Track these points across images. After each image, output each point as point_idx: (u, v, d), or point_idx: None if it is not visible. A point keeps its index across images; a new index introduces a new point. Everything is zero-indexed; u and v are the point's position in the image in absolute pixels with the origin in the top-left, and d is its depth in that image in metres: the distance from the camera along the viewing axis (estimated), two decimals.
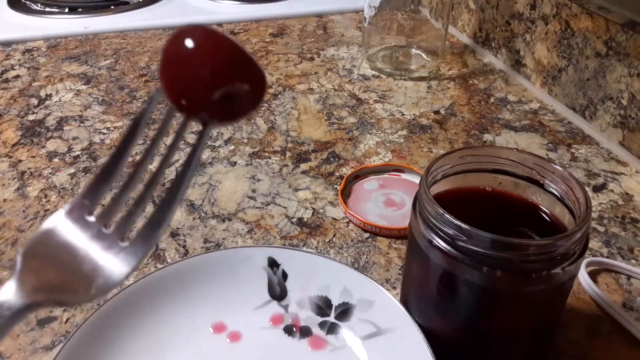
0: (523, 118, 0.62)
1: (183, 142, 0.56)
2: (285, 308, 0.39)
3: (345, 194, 0.50)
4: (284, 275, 0.40)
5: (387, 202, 0.50)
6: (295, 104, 0.64)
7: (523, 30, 0.68)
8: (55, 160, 0.55)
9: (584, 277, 0.42)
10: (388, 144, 0.58)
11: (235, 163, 0.55)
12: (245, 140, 0.58)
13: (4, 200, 0.50)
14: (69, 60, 0.73)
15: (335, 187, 0.52)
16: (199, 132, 0.22)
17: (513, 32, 0.70)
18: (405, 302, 0.37)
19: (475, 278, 0.30)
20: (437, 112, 0.63)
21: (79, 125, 0.60)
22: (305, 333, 0.38)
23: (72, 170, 0.53)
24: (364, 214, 0.48)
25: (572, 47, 0.61)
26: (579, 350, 0.38)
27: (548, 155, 0.56)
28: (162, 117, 0.22)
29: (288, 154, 0.56)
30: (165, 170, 0.23)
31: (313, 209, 0.49)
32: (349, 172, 0.53)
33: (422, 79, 0.70)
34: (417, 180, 0.52)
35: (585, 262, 0.43)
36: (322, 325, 0.38)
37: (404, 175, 0.53)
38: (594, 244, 0.46)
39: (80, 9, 0.86)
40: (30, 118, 0.61)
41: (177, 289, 0.39)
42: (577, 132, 0.60)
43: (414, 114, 0.63)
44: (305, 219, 0.48)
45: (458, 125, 0.61)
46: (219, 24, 0.83)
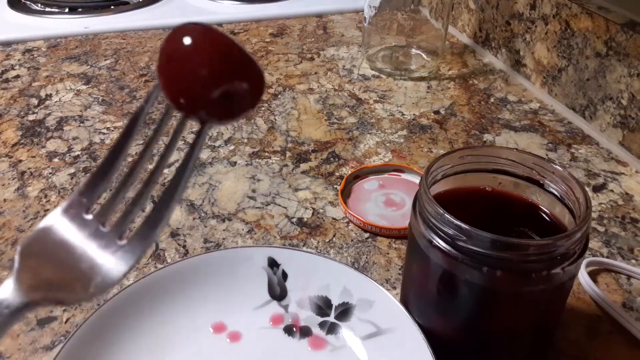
0: (523, 118, 0.62)
1: (182, 141, 0.56)
2: (285, 308, 0.39)
3: (345, 194, 0.50)
4: (284, 275, 0.40)
5: (387, 202, 0.50)
6: (295, 104, 0.64)
7: (523, 30, 0.68)
8: (55, 160, 0.55)
9: (584, 277, 0.42)
10: (388, 144, 0.58)
11: (235, 163, 0.55)
12: (245, 140, 0.58)
13: (4, 200, 0.50)
14: (69, 60, 0.73)
15: (335, 187, 0.52)
16: (198, 130, 0.22)
17: (513, 32, 0.70)
18: (405, 302, 0.37)
19: (475, 278, 0.30)
20: (437, 112, 0.63)
21: (79, 125, 0.60)
22: (305, 333, 0.38)
23: (72, 170, 0.53)
24: (364, 214, 0.48)
25: (572, 47, 0.61)
26: (579, 350, 0.38)
27: (548, 155, 0.56)
28: (160, 115, 0.22)
29: (288, 154, 0.56)
30: (164, 169, 0.22)
31: (313, 209, 0.49)
32: (349, 172, 0.53)
33: (422, 79, 0.70)
34: (417, 180, 0.52)
35: (585, 262, 0.43)
36: (322, 325, 0.38)
37: (404, 175, 0.53)
38: (594, 244, 0.46)
39: (80, 9, 0.86)
40: (30, 118, 0.61)
41: (177, 289, 0.39)
42: (577, 132, 0.60)
43: (414, 114, 0.63)
44: (305, 219, 0.48)
45: (458, 125, 0.61)
46: (219, 24, 0.83)
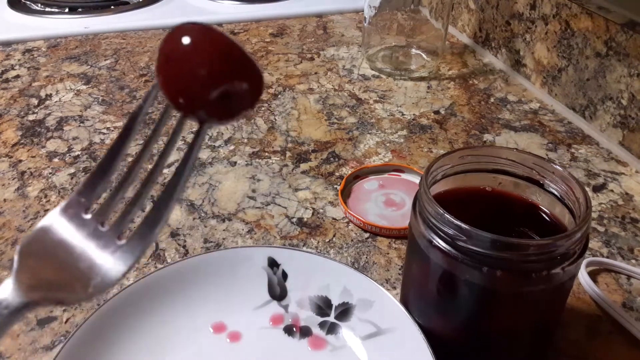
0: (523, 118, 0.62)
1: (182, 141, 0.56)
2: (285, 308, 0.39)
3: (345, 194, 0.50)
4: (284, 275, 0.40)
5: (387, 202, 0.50)
6: (295, 104, 0.64)
7: (523, 30, 0.68)
8: (55, 160, 0.55)
9: (584, 277, 0.42)
10: (388, 144, 0.58)
11: (235, 163, 0.55)
12: (245, 140, 0.58)
13: (4, 200, 0.50)
14: (69, 60, 0.73)
15: (335, 187, 0.52)
16: (197, 130, 0.22)
17: (513, 32, 0.70)
18: (405, 302, 0.37)
19: (475, 278, 0.30)
20: (437, 112, 0.63)
21: (79, 125, 0.60)
22: (305, 333, 0.38)
23: (72, 170, 0.53)
24: (364, 214, 0.48)
25: (572, 47, 0.61)
26: (579, 350, 0.38)
27: (548, 155, 0.56)
28: (159, 115, 0.22)
29: (288, 154, 0.56)
30: (163, 169, 0.22)
31: (313, 209, 0.49)
32: (349, 172, 0.53)
33: (422, 79, 0.70)
34: (417, 180, 0.52)
35: (585, 262, 0.43)
36: (322, 325, 0.38)
37: (404, 175, 0.53)
38: (594, 244, 0.46)
39: (80, 9, 0.86)
40: (30, 118, 0.61)
41: (177, 289, 0.39)
42: (577, 132, 0.60)
43: (414, 114, 0.63)
44: (305, 219, 0.48)
45: (458, 125, 0.61)
46: (219, 24, 0.83)
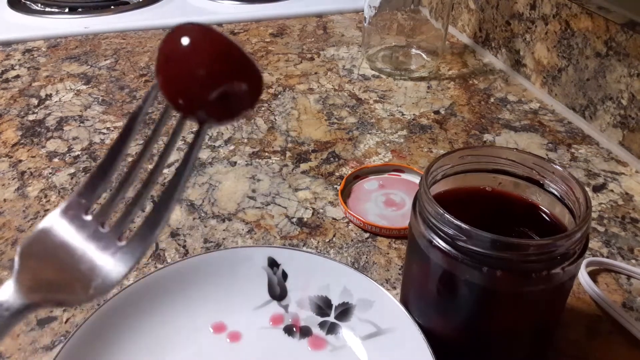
0: (523, 118, 0.62)
1: (182, 141, 0.56)
2: (285, 308, 0.39)
3: (345, 194, 0.50)
4: (284, 275, 0.40)
5: (387, 202, 0.50)
6: (295, 104, 0.64)
7: (523, 30, 0.68)
8: (55, 160, 0.55)
9: (584, 277, 0.42)
10: (388, 144, 0.58)
11: (235, 163, 0.55)
12: (245, 140, 0.58)
13: (4, 200, 0.50)
14: (69, 60, 0.73)
15: (335, 187, 0.52)
16: (197, 131, 0.22)
17: (513, 32, 0.70)
18: (405, 302, 0.37)
19: (475, 278, 0.30)
20: (437, 112, 0.63)
21: (79, 125, 0.60)
22: (305, 333, 0.38)
23: (72, 170, 0.53)
24: (364, 214, 0.48)
25: (572, 47, 0.61)
26: (579, 350, 0.38)
27: (548, 155, 0.56)
28: (159, 115, 0.22)
29: (288, 154, 0.56)
30: (163, 169, 0.22)
31: (313, 209, 0.49)
32: (349, 172, 0.53)
33: (422, 79, 0.70)
34: (417, 180, 0.52)
35: (585, 262, 0.43)
36: (322, 325, 0.38)
37: (404, 175, 0.53)
38: (594, 244, 0.46)
39: (80, 9, 0.86)
40: (30, 118, 0.61)
41: (177, 289, 0.39)
42: (577, 132, 0.60)
43: (414, 114, 0.63)
44: (305, 219, 0.48)
45: (458, 125, 0.61)
46: (219, 24, 0.83)
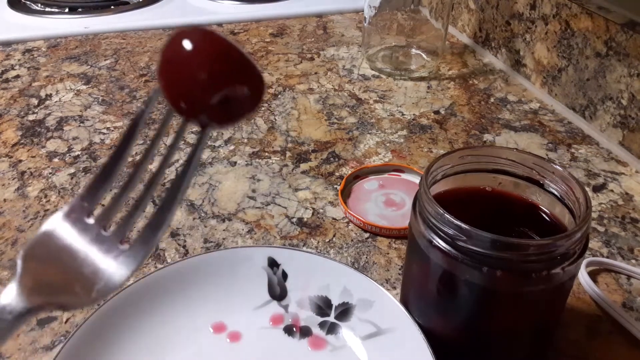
0: (523, 118, 0.62)
1: (183, 142, 0.56)
2: (285, 308, 0.39)
3: (345, 194, 0.50)
4: (284, 275, 0.40)
5: (387, 202, 0.50)
6: (295, 104, 0.64)
7: (523, 30, 0.68)
8: (55, 160, 0.55)
9: (584, 277, 0.42)
10: (388, 144, 0.58)
11: (235, 163, 0.55)
12: (245, 140, 0.58)
13: (4, 200, 0.50)
14: (69, 60, 0.73)
15: (335, 187, 0.52)
16: (198, 134, 0.22)
17: (513, 32, 0.70)
18: (405, 302, 0.37)
19: (475, 278, 0.30)
20: (437, 112, 0.63)
21: (79, 125, 0.60)
22: (305, 333, 0.38)
23: (72, 170, 0.53)
24: (364, 214, 0.48)
25: (572, 47, 0.61)
26: (579, 350, 0.38)
27: (548, 155, 0.56)
28: (161, 117, 0.22)
29: (288, 154, 0.56)
30: (165, 172, 0.22)
31: (313, 209, 0.49)
32: (349, 172, 0.53)
33: (422, 79, 0.70)
34: (417, 180, 0.52)
35: (585, 262, 0.43)
36: (322, 325, 0.38)
37: (404, 175, 0.53)
38: (594, 244, 0.46)
39: (80, 9, 0.86)
40: (30, 118, 0.61)
41: (177, 289, 0.39)
42: (577, 132, 0.60)
43: (414, 114, 0.63)
44: (305, 219, 0.48)
45: (458, 125, 0.61)
46: (219, 24, 0.84)
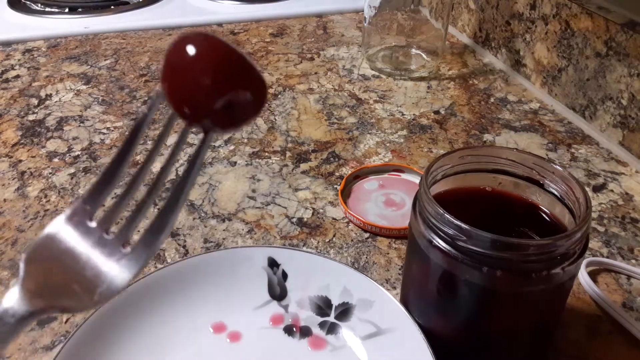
0: (523, 118, 0.62)
1: (185, 145, 0.56)
2: (285, 308, 0.39)
3: (345, 194, 0.50)
4: (284, 275, 0.40)
5: (387, 202, 0.50)
6: (295, 104, 0.64)
7: (523, 30, 0.68)
8: (55, 160, 0.55)
9: (584, 277, 0.42)
10: (388, 144, 0.58)
11: (235, 163, 0.55)
12: (245, 140, 0.58)
13: (4, 200, 0.50)
14: (69, 60, 0.73)
15: (335, 187, 0.52)
16: (201, 139, 0.22)
17: (513, 32, 0.70)
18: (405, 302, 0.37)
19: (475, 278, 0.30)
20: (437, 112, 0.63)
21: (79, 125, 0.60)
22: (305, 333, 0.38)
23: (72, 170, 0.53)
24: (364, 214, 0.48)
25: (572, 47, 0.61)
26: (579, 350, 0.38)
27: (548, 155, 0.56)
28: (162, 120, 0.22)
29: (288, 154, 0.56)
30: (167, 175, 0.22)
31: (313, 209, 0.49)
32: (349, 172, 0.53)
33: (422, 79, 0.70)
34: (417, 180, 0.52)
35: (585, 262, 0.43)
36: (322, 325, 0.38)
37: (404, 175, 0.53)
38: (594, 244, 0.46)
39: (80, 9, 0.86)
40: (30, 118, 0.61)
41: (177, 289, 0.39)
42: (577, 132, 0.60)
43: (414, 114, 0.63)
44: (305, 219, 0.48)
45: (458, 125, 0.61)
46: (219, 24, 0.84)
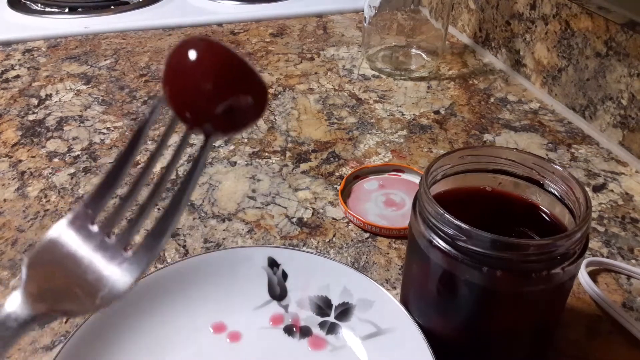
0: (523, 118, 0.62)
1: (186, 148, 0.56)
2: (285, 308, 0.39)
3: (345, 194, 0.50)
4: (284, 275, 0.40)
5: (387, 202, 0.50)
6: (295, 104, 0.64)
7: (523, 30, 0.68)
8: (55, 160, 0.55)
9: (584, 277, 0.42)
10: (388, 144, 0.58)
11: (235, 163, 0.55)
12: (245, 140, 0.58)
13: (4, 200, 0.50)
14: (69, 60, 0.73)
15: (335, 187, 0.52)
16: (202, 143, 0.22)
17: (513, 32, 0.70)
18: (405, 302, 0.37)
19: (475, 278, 0.30)
20: (437, 112, 0.63)
21: (79, 125, 0.60)
22: (305, 333, 0.38)
23: (72, 170, 0.53)
24: (364, 214, 0.48)
25: (572, 47, 0.61)
26: (579, 350, 0.38)
27: (548, 155, 0.56)
28: (164, 123, 0.22)
29: (288, 154, 0.56)
30: (168, 179, 0.23)
31: (313, 209, 0.49)
32: (349, 172, 0.53)
33: (422, 79, 0.70)
34: (417, 180, 0.52)
35: (585, 262, 0.43)
36: (322, 325, 0.38)
37: (404, 175, 0.53)
38: (594, 244, 0.46)
39: (80, 9, 0.86)
40: (30, 118, 0.61)
41: (177, 289, 0.39)
42: (577, 132, 0.60)
43: (414, 114, 0.63)
44: (305, 219, 0.48)
45: (458, 125, 0.61)
46: (219, 24, 0.84)
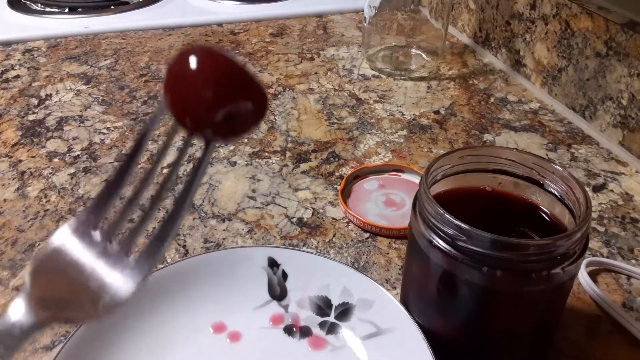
0: (523, 118, 0.62)
1: (188, 154, 0.56)
2: (285, 308, 0.39)
3: (345, 194, 0.50)
4: (284, 275, 0.40)
5: (387, 202, 0.50)
6: (295, 104, 0.64)
7: (523, 30, 0.68)
8: (55, 160, 0.55)
9: (584, 277, 0.42)
10: (388, 144, 0.58)
11: (235, 163, 0.55)
12: (245, 140, 0.58)
13: (4, 200, 0.50)
14: (69, 60, 0.73)
15: (335, 187, 0.52)
16: (203, 149, 0.22)
17: (513, 32, 0.70)
18: (405, 302, 0.37)
19: (475, 278, 0.30)
20: (437, 112, 0.63)
21: (79, 125, 0.60)
22: (305, 333, 0.38)
23: (72, 170, 0.53)
24: (364, 214, 0.48)
25: (572, 47, 0.61)
26: (579, 350, 0.38)
27: (548, 155, 0.56)
28: (164, 127, 0.22)
29: (288, 154, 0.56)
30: (170, 185, 0.23)
31: (313, 209, 0.49)
32: (349, 172, 0.53)
33: (422, 79, 0.70)
34: (417, 180, 0.52)
35: (585, 262, 0.43)
36: (322, 325, 0.38)
37: (404, 175, 0.53)
38: (594, 244, 0.46)
39: (80, 9, 0.86)
40: (30, 118, 0.61)
41: (177, 289, 0.39)
42: (577, 132, 0.60)
43: (414, 114, 0.63)
44: (305, 219, 0.48)
45: (458, 125, 0.61)
46: (219, 24, 0.84)
